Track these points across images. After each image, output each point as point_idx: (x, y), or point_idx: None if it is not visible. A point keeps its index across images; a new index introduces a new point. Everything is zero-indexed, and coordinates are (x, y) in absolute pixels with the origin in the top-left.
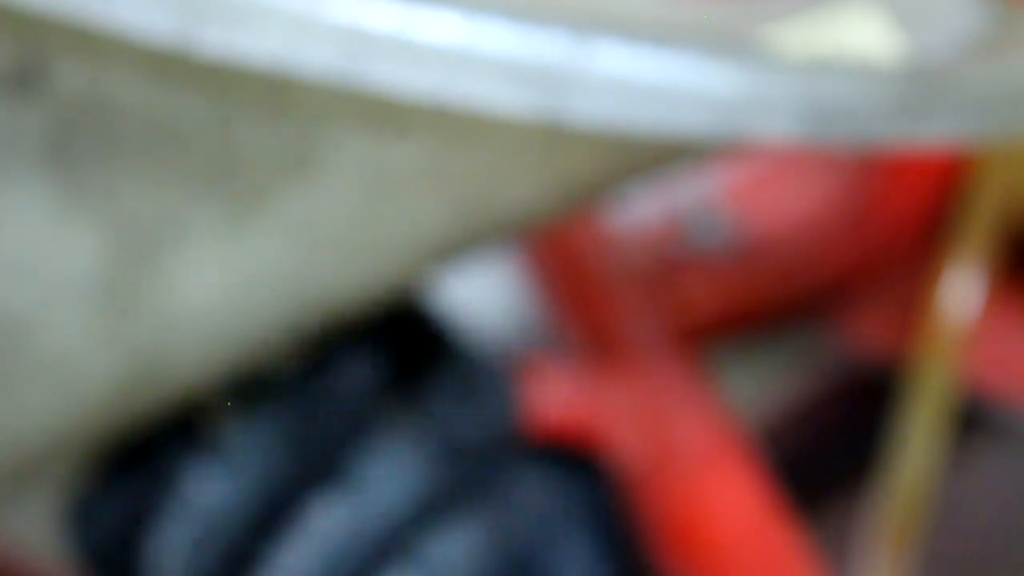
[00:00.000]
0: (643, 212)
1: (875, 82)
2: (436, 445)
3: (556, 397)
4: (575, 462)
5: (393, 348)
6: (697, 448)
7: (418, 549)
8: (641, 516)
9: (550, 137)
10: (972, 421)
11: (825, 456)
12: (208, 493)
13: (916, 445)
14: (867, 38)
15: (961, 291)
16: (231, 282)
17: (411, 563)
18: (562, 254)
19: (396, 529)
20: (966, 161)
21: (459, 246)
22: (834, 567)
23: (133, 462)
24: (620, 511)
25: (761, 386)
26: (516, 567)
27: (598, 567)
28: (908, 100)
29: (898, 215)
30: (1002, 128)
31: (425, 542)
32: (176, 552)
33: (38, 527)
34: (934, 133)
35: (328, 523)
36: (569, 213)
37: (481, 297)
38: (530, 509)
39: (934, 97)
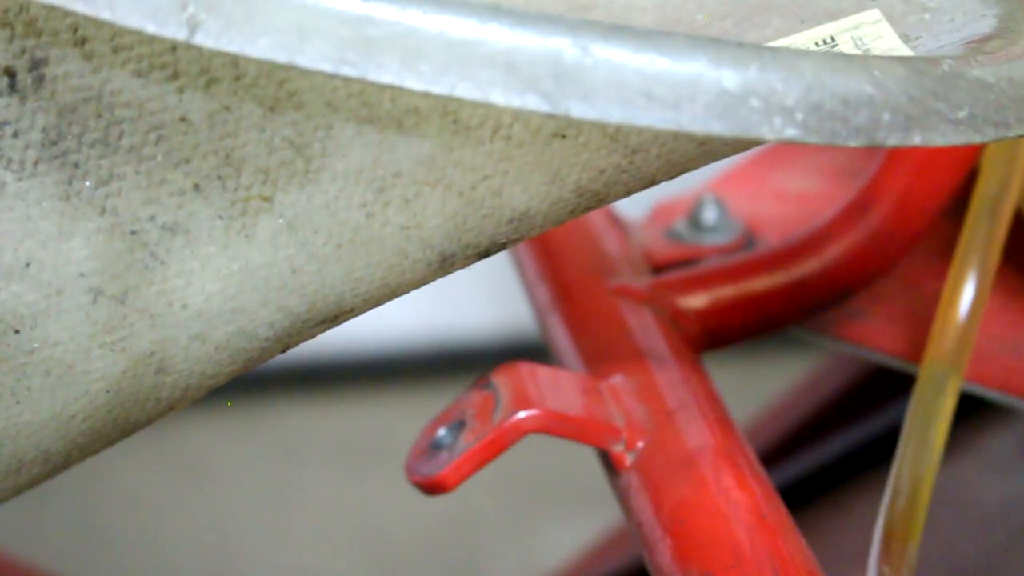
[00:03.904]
0: (644, 211)
1: (880, 80)
2: None
3: (557, 397)
4: None
5: None
6: (698, 447)
7: None
8: (641, 515)
9: (552, 137)
10: (976, 419)
11: (826, 454)
12: None
13: (919, 443)
14: (872, 36)
15: (966, 288)
16: (231, 282)
17: None
18: (563, 255)
19: None
20: (973, 159)
21: (461, 247)
22: (835, 566)
23: None
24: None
25: (761, 385)
26: None
27: None
28: (914, 98)
29: (903, 213)
30: (1009, 127)
31: None
32: None
33: (40, 530)
34: (939, 132)
35: None
36: (570, 214)
37: (482, 298)
38: None
39: (940, 95)
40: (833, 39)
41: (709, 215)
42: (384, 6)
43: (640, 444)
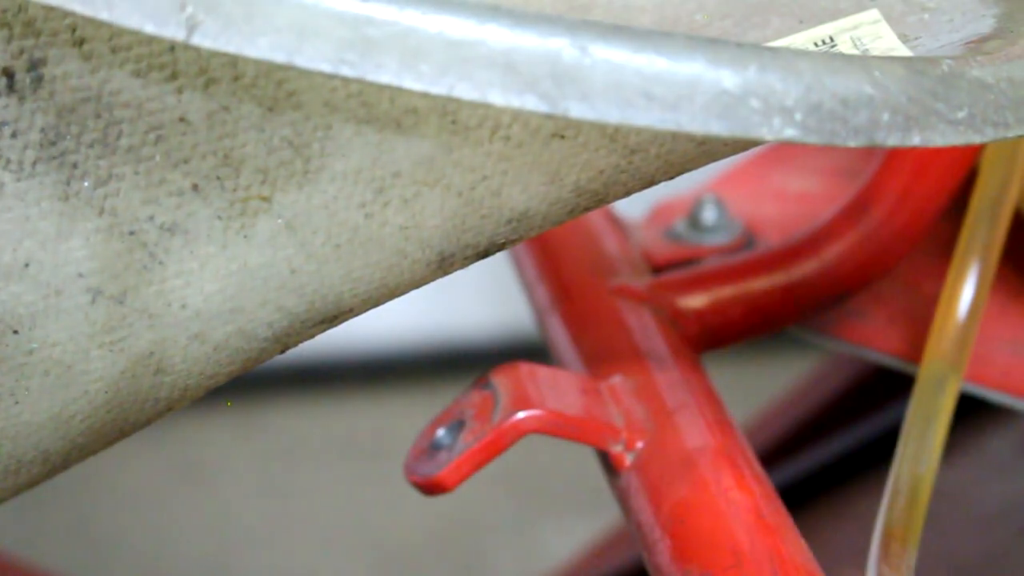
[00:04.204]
0: (644, 211)
1: (880, 80)
2: None
3: (556, 397)
4: None
5: None
6: (697, 447)
7: None
8: (641, 515)
9: (550, 138)
10: (976, 419)
11: (826, 454)
12: None
13: (918, 443)
14: (871, 36)
15: (966, 288)
16: (230, 282)
17: None
18: (563, 255)
19: None
20: (973, 159)
21: (460, 247)
22: (835, 566)
23: None
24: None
25: (761, 385)
26: None
27: None
28: (913, 98)
29: (903, 213)
30: (1008, 127)
31: None
32: None
33: (40, 530)
34: (939, 132)
35: None
36: (569, 214)
37: (482, 298)
38: None
39: (940, 95)
40: (832, 39)
41: (709, 215)
42: (383, 6)
43: (640, 444)
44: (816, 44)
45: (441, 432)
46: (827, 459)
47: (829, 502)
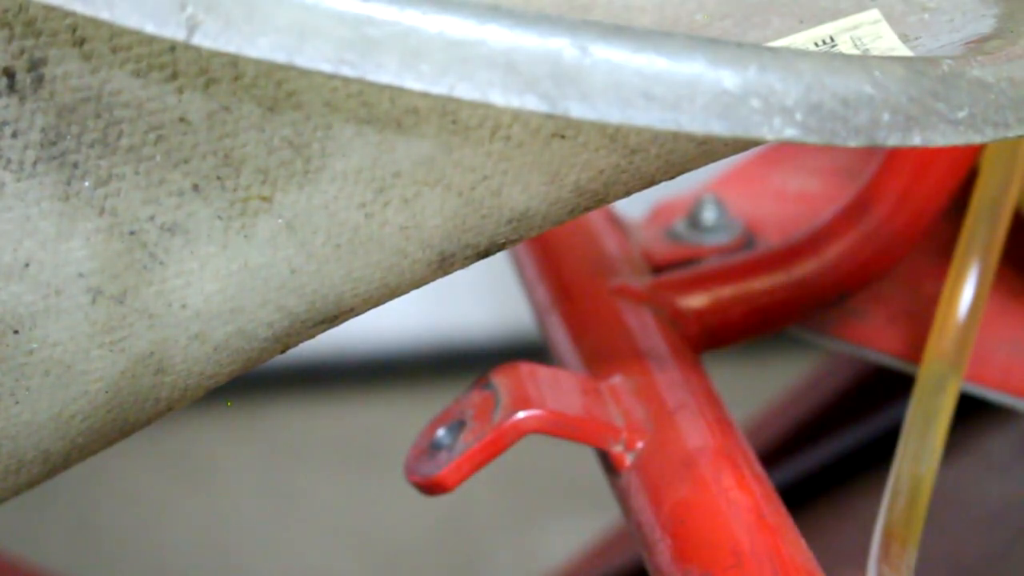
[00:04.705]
0: (644, 211)
1: (880, 80)
2: None
3: (557, 397)
4: None
5: None
6: (698, 447)
7: None
8: (641, 515)
9: (551, 137)
10: (976, 419)
11: (826, 454)
12: None
13: (918, 443)
14: (872, 36)
15: (966, 288)
16: (230, 282)
17: None
18: (563, 255)
19: None
20: (973, 159)
21: (460, 247)
22: (835, 566)
23: None
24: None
25: (761, 385)
26: None
27: None
28: (914, 98)
29: (903, 213)
30: (1009, 127)
31: None
32: None
33: (40, 530)
34: (939, 132)
35: None
36: (570, 214)
37: (482, 298)
38: None
39: (940, 95)
40: (832, 39)
41: (709, 215)
42: (383, 6)
43: (640, 444)
44: (816, 44)
45: (441, 432)
46: (827, 459)
47: (829, 502)
